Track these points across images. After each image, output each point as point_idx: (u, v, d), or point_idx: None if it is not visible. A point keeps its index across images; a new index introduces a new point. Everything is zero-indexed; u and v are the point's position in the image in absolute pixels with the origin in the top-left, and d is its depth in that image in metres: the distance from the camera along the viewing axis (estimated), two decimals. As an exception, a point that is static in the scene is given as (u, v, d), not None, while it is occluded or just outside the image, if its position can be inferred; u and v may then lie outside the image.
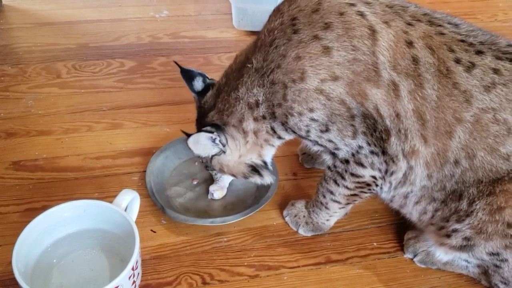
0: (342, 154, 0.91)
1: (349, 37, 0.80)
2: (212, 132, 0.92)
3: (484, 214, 0.83)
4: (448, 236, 0.90)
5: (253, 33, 1.69)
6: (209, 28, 1.72)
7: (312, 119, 0.86)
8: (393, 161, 0.87)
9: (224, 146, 0.95)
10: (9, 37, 1.61)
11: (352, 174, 0.92)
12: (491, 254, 0.86)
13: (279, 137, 0.95)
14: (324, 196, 1.00)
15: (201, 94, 1.00)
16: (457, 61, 0.80)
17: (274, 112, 0.89)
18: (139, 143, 1.24)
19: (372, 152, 0.87)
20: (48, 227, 0.90)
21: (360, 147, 0.88)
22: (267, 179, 1.01)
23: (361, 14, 0.81)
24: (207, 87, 0.99)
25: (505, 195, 0.81)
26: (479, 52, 0.81)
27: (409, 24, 0.82)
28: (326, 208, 1.02)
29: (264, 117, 0.91)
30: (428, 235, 0.97)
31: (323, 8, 0.82)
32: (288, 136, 0.95)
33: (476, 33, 0.84)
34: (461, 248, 0.89)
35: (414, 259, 1.03)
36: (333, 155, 0.93)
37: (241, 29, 1.70)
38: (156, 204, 1.07)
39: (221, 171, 1.02)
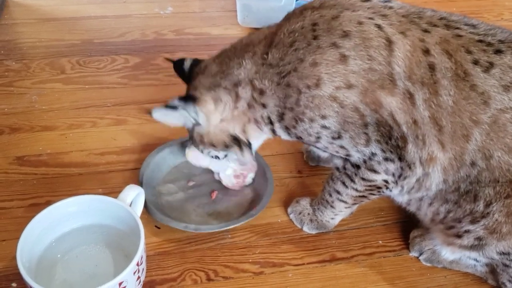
0: (353, 159, 0.90)
1: (366, 47, 0.80)
2: (174, 107, 0.90)
3: (501, 216, 0.82)
4: (459, 236, 0.89)
5: (258, 30, 1.68)
6: (214, 25, 1.72)
7: (324, 127, 0.86)
8: (410, 168, 0.86)
9: (195, 120, 0.93)
10: (13, 32, 1.61)
11: (363, 179, 0.91)
12: (502, 253, 0.86)
13: (273, 131, 0.94)
14: (331, 195, 0.99)
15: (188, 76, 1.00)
16: (475, 62, 0.79)
17: (283, 114, 0.88)
18: (143, 139, 1.24)
19: (386, 159, 0.87)
20: (52, 222, 0.90)
21: (374, 154, 0.87)
22: (247, 157, 0.98)
23: (379, 27, 0.81)
24: (195, 62, 1.00)
25: None
26: (498, 51, 0.80)
27: (426, 31, 0.82)
28: (332, 207, 1.01)
29: (264, 106, 0.89)
30: (436, 234, 0.96)
31: (343, 16, 0.83)
32: (285, 137, 0.94)
33: (495, 31, 0.83)
34: (472, 247, 0.89)
35: (420, 258, 1.02)
36: (344, 159, 0.92)
37: (246, 26, 1.70)
38: None
39: (201, 142, 0.98)
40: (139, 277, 0.86)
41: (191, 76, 0.98)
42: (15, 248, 0.81)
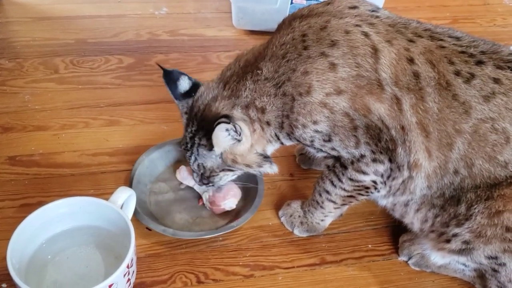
0: (343, 160, 0.92)
1: (353, 55, 0.83)
2: (228, 123, 0.87)
3: (483, 218, 0.83)
4: (448, 241, 0.90)
5: (252, 32, 1.69)
6: (209, 26, 1.72)
7: (316, 131, 0.88)
8: (399, 169, 0.88)
9: (239, 134, 0.90)
10: (7, 31, 1.60)
11: (351, 179, 0.92)
12: (490, 257, 0.87)
13: (281, 143, 0.96)
14: (320, 195, 1.01)
15: (186, 95, 0.98)
16: (457, 73, 0.82)
17: (282, 122, 0.90)
18: (136, 141, 1.24)
19: (375, 160, 0.88)
20: (43, 223, 0.90)
21: (362, 155, 0.88)
22: (275, 168, 0.98)
23: (365, 34, 0.84)
24: (195, 86, 0.98)
25: (503, 199, 0.82)
26: (479, 63, 0.82)
27: (411, 40, 0.84)
28: (322, 207, 1.02)
29: (268, 124, 0.91)
30: (428, 243, 0.96)
31: (331, 26, 0.85)
32: (288, 142, 0.96)
33: (478, 43, 0.85)
34: (460, 251, 0.90)
35: (409, 262, 1.03)
36: (336, 158, 0.94)
37: (240, 28, 1.70)
38: None
39: (234, 162, 0.95)
40: (129, 279, 0.86)
41: (203, 97, 0.95)
42: (5, 249, 0.82)
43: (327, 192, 0.98)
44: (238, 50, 1.04)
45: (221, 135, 0.89)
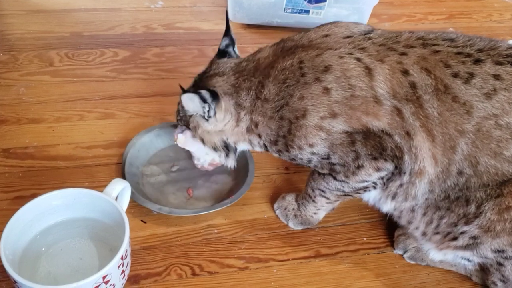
0: (343, 171, 0.92)
1: (346, 77, 0.85)
2: (205, 102, 0.92)
3: (493, 214, 0.83)
4: (454, 238, 0.90)
5: (248, 26, 1.69)
6: (205, 19, 1.71)
7: (313, 153, 0.90)
8: (399, 174, 0.89)
9: (209, 117, 0.95)
10: (1, 23, 1.59)
11: (351, 187, 0.94)
12: (497, 251, 0.87)
13: (266, 150, 0.98)
14: (313, 190, 1.01)
15: (220, 54, 1.02)
16: (455, 75, 0.81)
17: (276, 141, 0.93)
18: (131, 134, 1.23)
19: (378, 169, 0.88)
20: (37, 215, 0.90)
21: (361, 166, 0.89)
22: (231, 162, 1.03)
23: (358, 59, 0.86)
24: (226, 53, 1.02)
25: None
26: (477, 61, 0.82)
27: (403, 54, 0.85)
28: (314, 201, 1.02)
29: (259, 136, 0.95)
30: (431, 245, 0.96)
31: (326, 53, 0.88)
32: (277, 155, 0.98)
33: (474, 41, 0.85)
34: (466, 246, 0.89)
35: (404, 255, 1.03)
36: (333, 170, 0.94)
37: (236, 22, 1.69)
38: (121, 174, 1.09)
39: (194, 130, 1.00)
40: (123, 271, 0.86)
41: (221, 67, 0.99)
42: (-1, 241, 0.81)
43: (320, 190, 0.99)
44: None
45: (196, 102, 0.92)
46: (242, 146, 1.01)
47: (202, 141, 1.01)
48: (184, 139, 1.05)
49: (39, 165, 1.14)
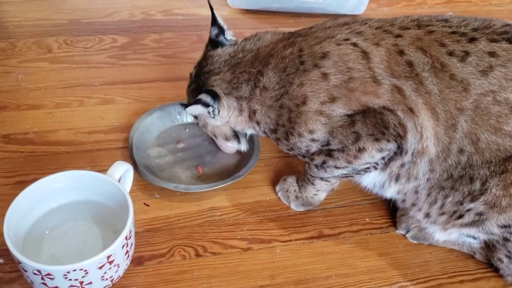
0: (343, 157, 0.93)
1: (344, 62, 0.86)
2: (208, 106, 0.94)
3: (498, 190, 0.83)
4: (460, 216, 0.90)
5: (247, 11, 1.68)
6: (203, 6, 1.70)
7: (313, 140, 0.91)
8: (401, 154, 0.89)
9: (214, 115, 0.97)
10: (-2, 11, 1.58)
11: (354, 168, 0.94)
12: (503, 226, 0.87)
13: (266, 135, 1.00)
14: (312, 176, 1.01)
15: (212, 44, 1.02)
16: (450, 53, 0.82)
17: (276, 129, 0.94)
18: (131, 119, 1.23)
19: (381, 150, 0.88)
20: (39, 197, 0.89)
21: (363, 149, 0.89)
22: (243, 146, 1.09)
23: (354, 44, 0.87)
24: (219, 43, 1.01)
25: None
26: (472, 39, 0.83)
27: (398, 36, 0.86)
28: (313, 184, 1.03)
29: (258, 123, 0.97)
30: (436, 227, 0.96)
31: (324, 41, 0.89)
32: (274, 142, 1.00)
33: (468, 22, 0.86)
34: (472, 223, 0.89)
35: (407, 235, 1.03)
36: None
37: (235, 7, 1.69)
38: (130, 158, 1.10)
39: (204, 128, 1.06)
40: (127, 251, 0.86)
41: (216, 62, 0.98)
42: (1, 225, 0.81)
43: (320, 177, 1.00)
44: (233, 29, 1.04)
45: (200, 109, 0.95)
46: (250, 131, 1.04)
47: (214, 135, 1.06)
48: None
49: (39, 151, 1.13)
